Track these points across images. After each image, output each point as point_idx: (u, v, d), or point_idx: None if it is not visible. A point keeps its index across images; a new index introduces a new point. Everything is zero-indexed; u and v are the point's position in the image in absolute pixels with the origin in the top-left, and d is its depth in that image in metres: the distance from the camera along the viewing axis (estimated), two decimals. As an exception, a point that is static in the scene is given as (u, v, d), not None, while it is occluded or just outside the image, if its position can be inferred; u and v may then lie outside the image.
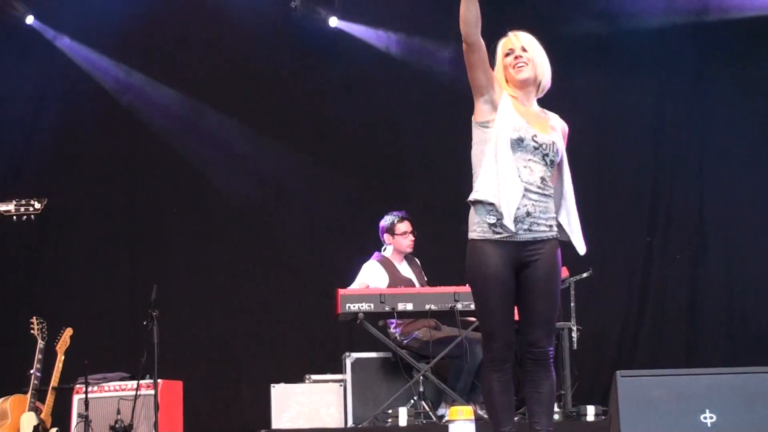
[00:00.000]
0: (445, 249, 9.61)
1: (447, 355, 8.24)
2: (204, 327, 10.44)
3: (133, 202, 10.71)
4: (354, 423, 8.25)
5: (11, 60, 10.56)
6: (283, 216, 10.69)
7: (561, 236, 5.22)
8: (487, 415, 5.39)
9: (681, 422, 6.42)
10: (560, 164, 5.21)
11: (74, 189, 10.53)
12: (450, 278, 8.27)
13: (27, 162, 10.61)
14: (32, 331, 8.44)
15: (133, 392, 8.25)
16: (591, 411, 8.34)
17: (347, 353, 8.50)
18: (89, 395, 8.37)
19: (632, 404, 6.49)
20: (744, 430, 6.36)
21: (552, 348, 5.22)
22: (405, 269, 8.82)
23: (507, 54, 5.25)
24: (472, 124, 5.23)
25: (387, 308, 8.18)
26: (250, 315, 10.49)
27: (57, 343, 8.53)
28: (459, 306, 8.12)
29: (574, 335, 8.56)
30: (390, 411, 8.07)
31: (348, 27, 10.81)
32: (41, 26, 10.59)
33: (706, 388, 6.53)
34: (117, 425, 8.26)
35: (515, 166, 5.06)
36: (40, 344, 8.42)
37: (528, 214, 5.08)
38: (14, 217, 7.33)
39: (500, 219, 5.05)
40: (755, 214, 10.37)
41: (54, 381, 8.45)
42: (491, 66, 5.19)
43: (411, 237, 8.84)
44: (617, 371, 6.92)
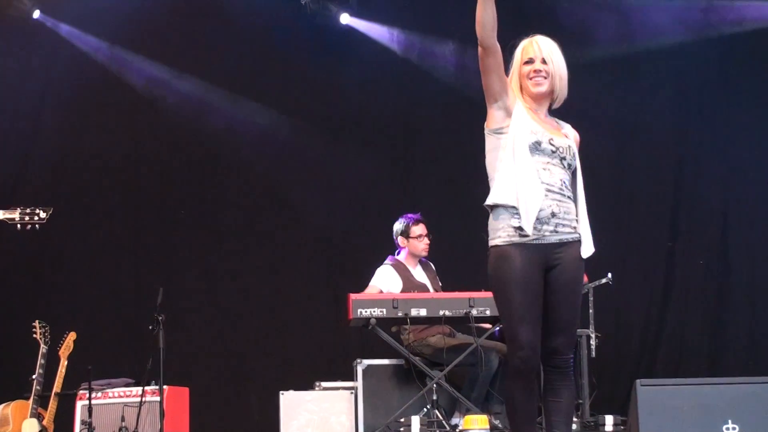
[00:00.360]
0: (461, 253, 9.65)
1: (461, 363, 8.22)
2: (211, 332, 10.46)
3: (139, 204, 10.72)
4: (365, 432, 8.27)
5: (17, 57, 10.58)
6: (294, 219, 10.70)
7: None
8: (509, 424, 5.39)
9: (702, 433, 6.42)
10: (575, 171, 5.22)
11: (78, 190, 10.55)
12: (465, 283, 8.27)
13: (31, 162, 10.63)
14: (35, 336, 8.45)
15: (138, 399, 8.24)
16: (609, 421, 8.33)
17: (358, 360, 8.49)
18: (93, 401, 8.36)
19: (652, 414, 6.49)
20: (768, 442, 6.36)
21: (572, 356, 5.22)
22: (419, 274, 8.81)
23: (526, 62, 5.23)
24: (485, 132, 5.22)
25: (400, 314, 8.17)
26: (259, 319, 10.50)
27: (60, 348, 8.53)
28: (474, 312, 8.10)
29: (593, 342, 8.56)
30: (402, 420, 8.06)
31: (360, 24, 10.82)
32: (47, 19, 10.62)
33: (729, 399, 6.52)
34: (121, 432, 8.28)
35: (535, 168, 5.06)
36: (43, 349, 8.42)
37: (553, 215, 5.08)
38: (18, 226, 7.34)
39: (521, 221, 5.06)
40: (780, 220, 10.38)
41: (57, 387, 8.44)
42: (507, 69, 5.19)
43: (426, 240, 8.83)
44: (637, 380, 6.93)
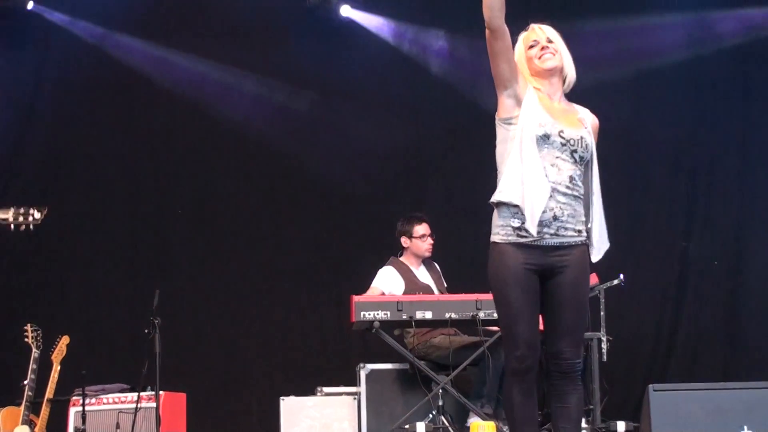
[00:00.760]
0: (467, 253, 9.64)
1: (470, 363, 8.21)
2: (209, 335, 10.45)
3: (135, 202, 10.71)
4: (368, 438, 8.27)
5: (9, 51, 10.59)
6: (294, 218, 10.69)
7: (588, 241, 5.21)
8: (508, 427, 5.39)
9: (717, 439, 6.42)
10: (589, 162, 5.19)
11: (71, 187, 10.55)
12: (472, 284, 8.27)
13: (22, 160, 10.63)
14: (26, 340, 8.45)
15: (134, 405, 8.23)
16: (621, 427, 8.32)
17: (361, 364, 8.49)
18: (87, 408, 8.38)
19: (665, 420, 6.51)
20: (785, 448, 6.36)
21: (579, 360, 5.20)
22: (423, 275, 8.80)
23: (531, 46, 5.26)
24: (496, 122, 5.22)
25: (404, 316, 8.17)
26: (259, 323, 10.49)
27: (52, 353, 8.54)
28: (481, 314, 8.10)
29: (604, 346, 8.54)
30: (407, 426, 8.06)
31: (360, 17, 10.81)
32: (43, 10, 10.64)
33: (745, 404, 6.54)
34: (116, 440, 8.30)
35: (541, 165, 5.05)
36: (35, 353, 8.43)
37: (555, 218, 5.06)
38: (12, 226, 7.32)
39: (525, 222, 5.05)
40: (797, 219, 10.38)
41: (49, 392, 8.45)
42: None
43: (429, 240, 8.82)
44: (649, 385, 6.96)
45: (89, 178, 10.61)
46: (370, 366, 8.51)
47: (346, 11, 10.79)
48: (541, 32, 5.28)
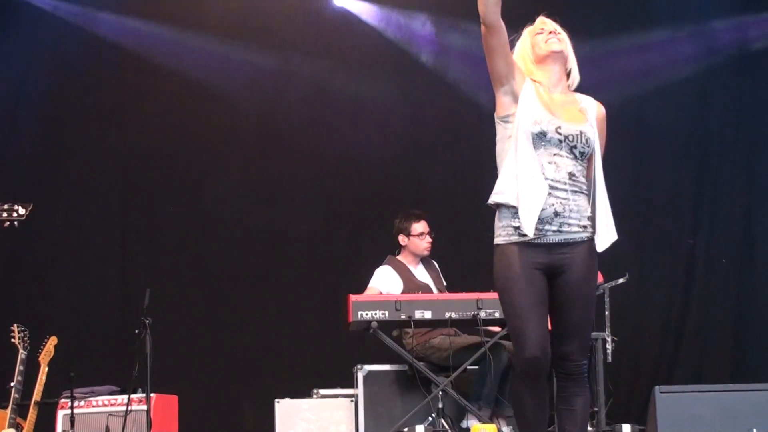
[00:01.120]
0: (467, 250, 9.64)
1: (470, 364, 8.21)
2: (202, 336, 10.43)
3: (125, 200, 10.69)
4: (366, 442, 8.26)
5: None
6: (289, 215, 10.68)
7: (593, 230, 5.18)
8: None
9: (725, 442, 6.43)
10: (592, 156, 5.17)
11: (59, 183, 10.53)
12: (472, 283, 8.26)
13: (8, 155, 10.60)
14: (12, 340, 8.42)
15: (124, 407, 8.22)
16: (627, 430, 8.32)
17: (359, 365, 8.50)
18: (75, 411, 8.35)
19: (672, 423, 6.51)
20: (795, 451, 6.37)
21: (586, 361, 5.20)
22: (421, 273, 8.80)
23: (538, 33, 5.28)
24: (495, 120, 5.23)
25: (403, 316, 8.17)
26: (253, 323, 10.48)
27: (40, 354, 8.52)
28: (482, 314, 8.10)
29: (609, 347, 8.54)
30: (406, 429, 8.07)
31: (353, 5, 10.80)
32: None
33: (753, 406, 6.54)
34: (106, 444, 8.29)
35: (538, 163, 5.03)
36: (22, 354, 8.40)
37: (557, 214, 5.04)
38: None
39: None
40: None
41: (37, 395, 8.42)
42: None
43: (428, 239, 8.81)
44: (656, 387, 6.95)
45: (78, 173, 10.59)
46: (368, 367, 8.51)
47: (340, 1, 10.79)
48: (551, 23, 5.30)
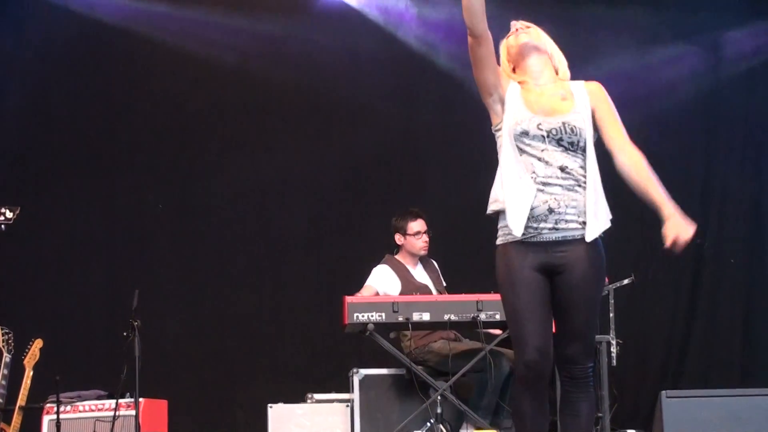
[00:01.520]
0: (467, 250, 9.63)
1: (469, 370, 8.20)
2: (192, 339, 10.42)
3: (113, 197, 10.66)
4: (362, 448, 8.25)
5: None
6: (283, 214, 10.67)
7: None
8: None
9: (734, 448, 6.42)
10: (585, 145, 5.15)
11: (44, 180, 10.50)
12: (472, 284, 8.25)
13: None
14: (-4, 343, 8.45)
15: (112, 412, 8.23)
16: (632, 436, 8.34)
17: (355, 369, 8.48)
18: (61, 416, 8.34)
19: (679, 428, 6.50)
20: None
21: (591, 365, 5.17)
22: (420, 274, 8.78)
23: (509, 36, 5.36)
24: (494, 133, 5.27)
25: (400, 318, 8.14)
26: (245, 325, 10.47)
27: (25, 357, 8.52)
28: (483, 316, 8.07)
29: (614, 350, 8.54)
30: (403, 435, 8.07)
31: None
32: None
33: (763, 411, 6.55)
34: (93, 449, 8.28)
35: (525, 163, 5.06)
36: (6, 358, 8.42)
37: (551, 211, 5.04)
38: None
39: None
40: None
41: (21, 399, 8.44)
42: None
43: (425, 238, 8.79)
44: (662, 391, 6.94)
45: (64, 172, 10.56)
46: (364, 371, 8.48)
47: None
48: (520, 22, 5.37)
